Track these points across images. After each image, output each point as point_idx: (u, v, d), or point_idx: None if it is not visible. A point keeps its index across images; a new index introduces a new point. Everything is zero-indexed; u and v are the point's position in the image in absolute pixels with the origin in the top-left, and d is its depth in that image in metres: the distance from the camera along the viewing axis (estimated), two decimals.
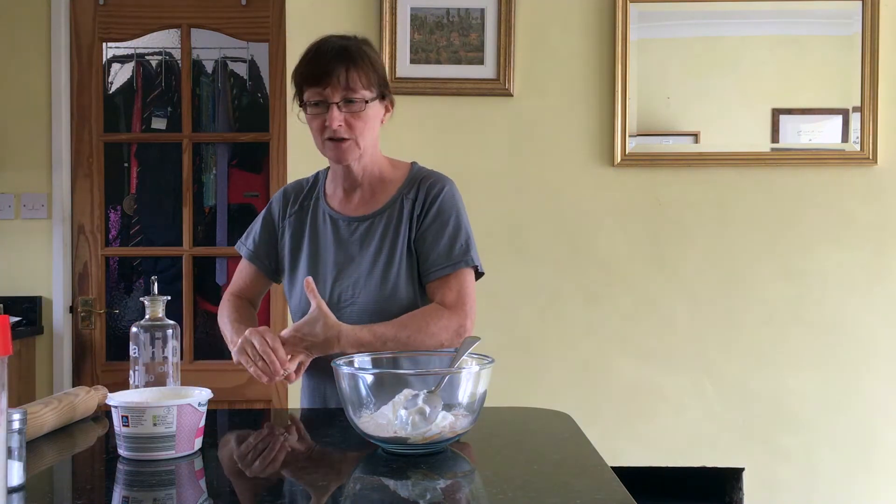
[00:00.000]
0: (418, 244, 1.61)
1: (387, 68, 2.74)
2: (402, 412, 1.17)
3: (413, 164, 1.72)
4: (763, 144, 2.77)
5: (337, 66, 1.53)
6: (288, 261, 1.70)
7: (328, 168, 1.72)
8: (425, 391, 1.21)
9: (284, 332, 1.51)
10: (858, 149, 2.75)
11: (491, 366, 1.23)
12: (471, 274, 1.63)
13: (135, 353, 1.35)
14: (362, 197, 1.66)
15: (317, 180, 1.75)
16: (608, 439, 2.66)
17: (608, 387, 2.79)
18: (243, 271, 1.78)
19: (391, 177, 1.67)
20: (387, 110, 1.65)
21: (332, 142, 1.57)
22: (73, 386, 2.42)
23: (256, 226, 1.77)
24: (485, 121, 2.76)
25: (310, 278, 1.53)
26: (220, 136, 3.33)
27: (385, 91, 1.62)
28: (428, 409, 1.17)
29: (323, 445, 1.31)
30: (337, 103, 1.54)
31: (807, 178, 2.78)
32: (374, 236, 1.62)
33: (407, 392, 1.21)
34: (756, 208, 2.79)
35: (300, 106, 1.62)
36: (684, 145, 2.80)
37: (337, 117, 1.54)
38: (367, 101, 1.55)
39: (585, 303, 2.78)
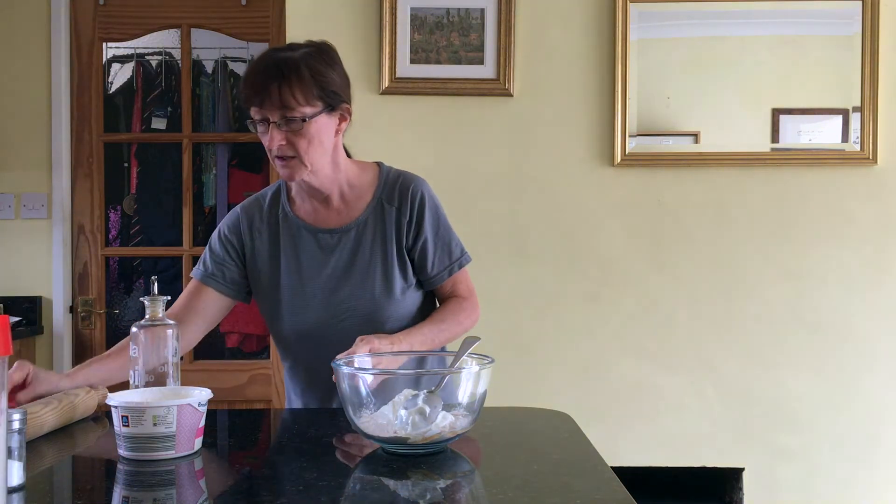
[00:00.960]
0: (418, 253, 1.62)
1: (386, 68, 2.74)
2: (402, 412, 1.17)
3: (380, 164, 1.69)
4: (763, 144, 2.77)
5: (270, 83, 1.47)
6: (266, 279, 1.64)
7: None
8: (425, 391, 1.21)
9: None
10: (858, 149, 2.75)
11: (491, 366, 1.23)
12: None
13: (135, 353, 1.35)
14: (335, 207, 1.63)
15: (277, 194, 1.68)
16: (608, 439, 2.66)
17: (608, 387, 2.79)
18: (193, 294, 1.66)
19: (361, 182, 1.64)
20: (342, 119, 1.57)
21: (279, 160, 1.52)
22: None
23: (214, 248, 1.69)
24: (485, 121, 2.76)
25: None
26: (220, 136, 3.32)
27: (335, 102, 1.53)
28: (428, 409, 1.17)
29: (323, 445, 1.31)
30: (276, 122, 1.49)
31: (807, 178, 2.78)
32: (361, 245, 1.60)
33: (407, 392, 1.21)
34: (756, 208, 2.79)
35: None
36: (684, 145, 2.80)
37: (276, 137, 1.49)
38: (305, 119, 1.49)
39: (585, 303, 2.78)
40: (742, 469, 2.77)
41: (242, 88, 1.54)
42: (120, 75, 3.41)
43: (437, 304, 1.71)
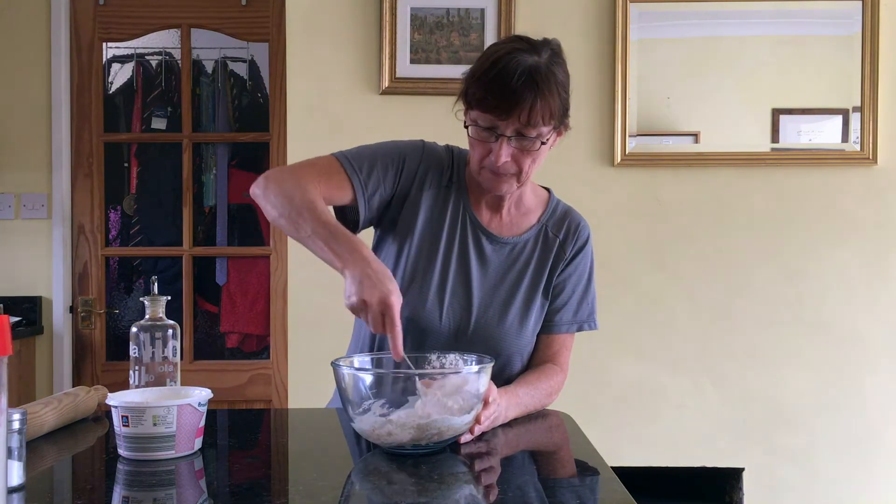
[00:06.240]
0: (554, 292, 1.49)
1: (386, 68, 2.74)
2: (396, 415, 1.16)
3: (549, 190, 1.56)
4: (763, 144, 2.78)
5: (522, 97, 1.29)
6: (415, 246, 1.44)
7: (466, 154, 1.48)
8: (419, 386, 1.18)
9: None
10: (858, 149, 2.75)
11: (490, 365, 1.23)
12: None
13: (135, 353, 1.35)
14: (501, 216, 1.49)
15: (453, 166, 1.49)
16: (608, 439, 2.65)
17: (608, 387, 2.79)
18: (336, 185, 1.38)
19: (531, 201, 1.51)
20: (559, 134, 1.42)
21: (492, 173, 1.37)
22: (73, 386, 2.42)
23: (378, 156, 1.44)
24: None
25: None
26: (220, 136, 3.32)
27: (565, 119, 1.39)
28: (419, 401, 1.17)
29: (323, 445, 1.31)
30: (508, 136, 1.33)
31: (807, 178, 2.79)
32: (516, 264, 1.47)
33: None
34: (756, 208, 2.79)
35: (464, 110, 1.39)
36: (684, 145, 2.80)
37: (505, 153, 1.34)
38: (544, 142, 1.35)
39: None
40: (742, 469, 2.77)
41: (479, 91, 1.33)
42: (120, 75, 3.41)
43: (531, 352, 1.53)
